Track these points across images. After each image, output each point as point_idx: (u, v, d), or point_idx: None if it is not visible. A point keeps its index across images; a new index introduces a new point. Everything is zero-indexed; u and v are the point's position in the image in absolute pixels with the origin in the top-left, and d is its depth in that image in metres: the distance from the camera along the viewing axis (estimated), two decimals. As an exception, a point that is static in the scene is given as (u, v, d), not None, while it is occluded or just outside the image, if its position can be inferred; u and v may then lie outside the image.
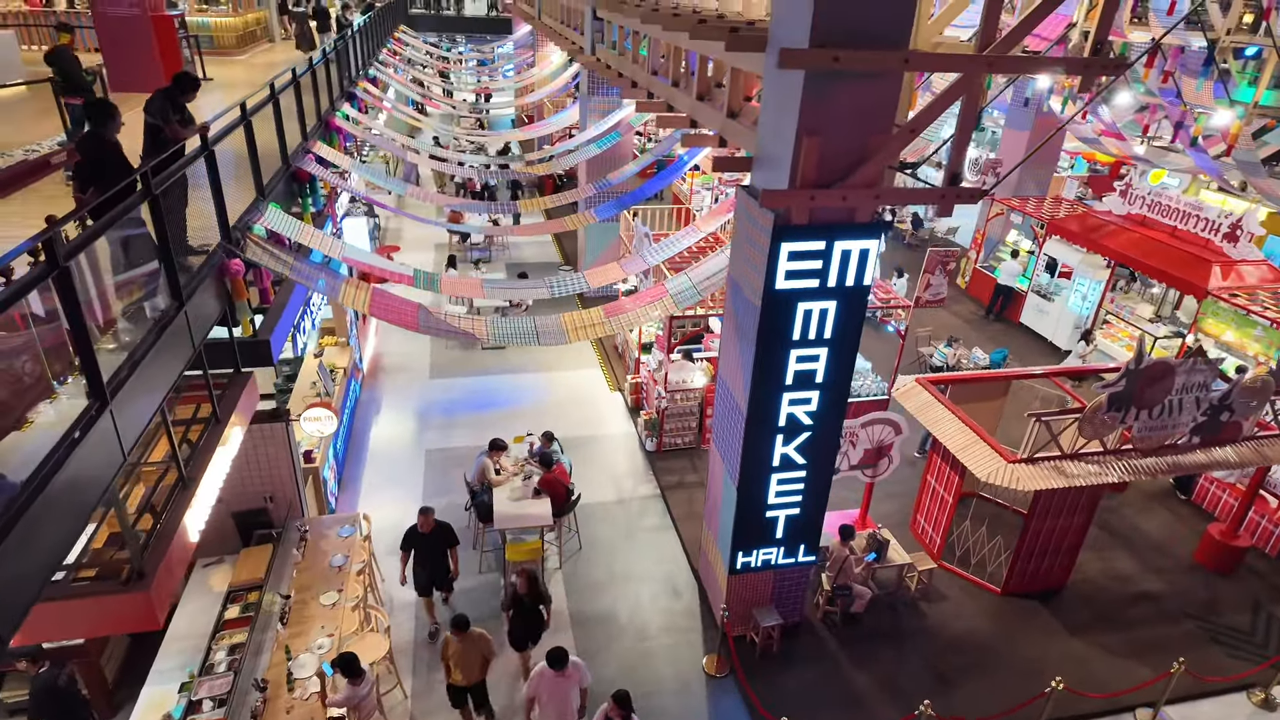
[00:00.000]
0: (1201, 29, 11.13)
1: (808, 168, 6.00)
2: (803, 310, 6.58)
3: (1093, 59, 5.94)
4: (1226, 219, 12.74)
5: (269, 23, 22.02)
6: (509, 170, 14.79)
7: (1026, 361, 14.95)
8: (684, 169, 10.77)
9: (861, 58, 5.55)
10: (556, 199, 13.05)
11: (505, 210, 12.30)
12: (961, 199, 6.31)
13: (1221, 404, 8.20)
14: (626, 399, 12.73)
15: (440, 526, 7.83)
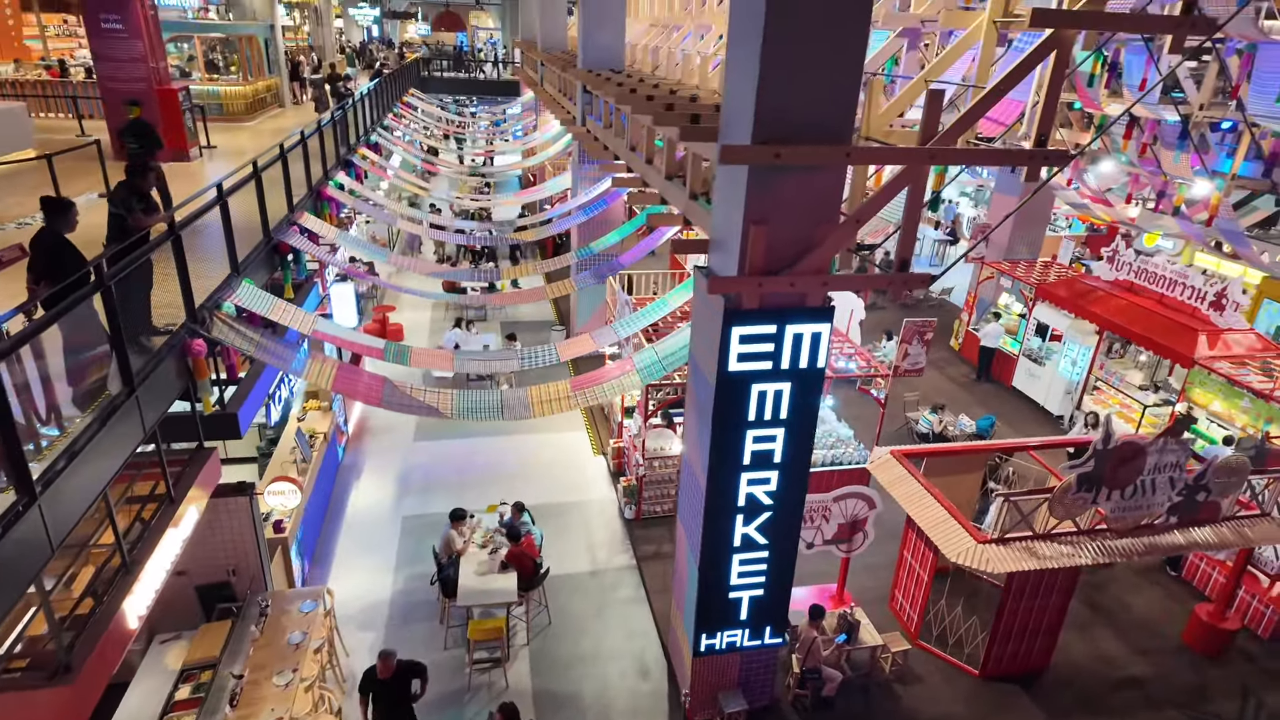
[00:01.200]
0: (1174, 104, 11.29)
1: (756, 255, 6.08)
2: (757, 391, 6.58)
3: (1036, 150, 6.04)
4: (1212, 287, 12.71)
5: (280, 89, 22.86)
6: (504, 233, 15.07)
7: (1017, 427, 14.82)
8: (658, 243, 10.94)
9: (803, 153, 5.68)
10: (554, 261, 13.26)
11: (489, 278, 12.48)
12: (910, 285, 6.35)
13: (1197, 484, 8.06)
14: (609, 463, 12.69)
15: (403, 669, 7.15)
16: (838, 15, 5.43)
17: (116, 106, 13.51)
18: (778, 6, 5.37)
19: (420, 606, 9.46)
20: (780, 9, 5.37)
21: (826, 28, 5.45)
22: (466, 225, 16.36)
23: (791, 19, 5.39)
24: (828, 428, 12.34)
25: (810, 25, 5.42)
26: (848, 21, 5.47)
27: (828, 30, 5.45)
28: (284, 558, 9.08)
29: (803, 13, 5.38)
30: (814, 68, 5.55)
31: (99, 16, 12.73)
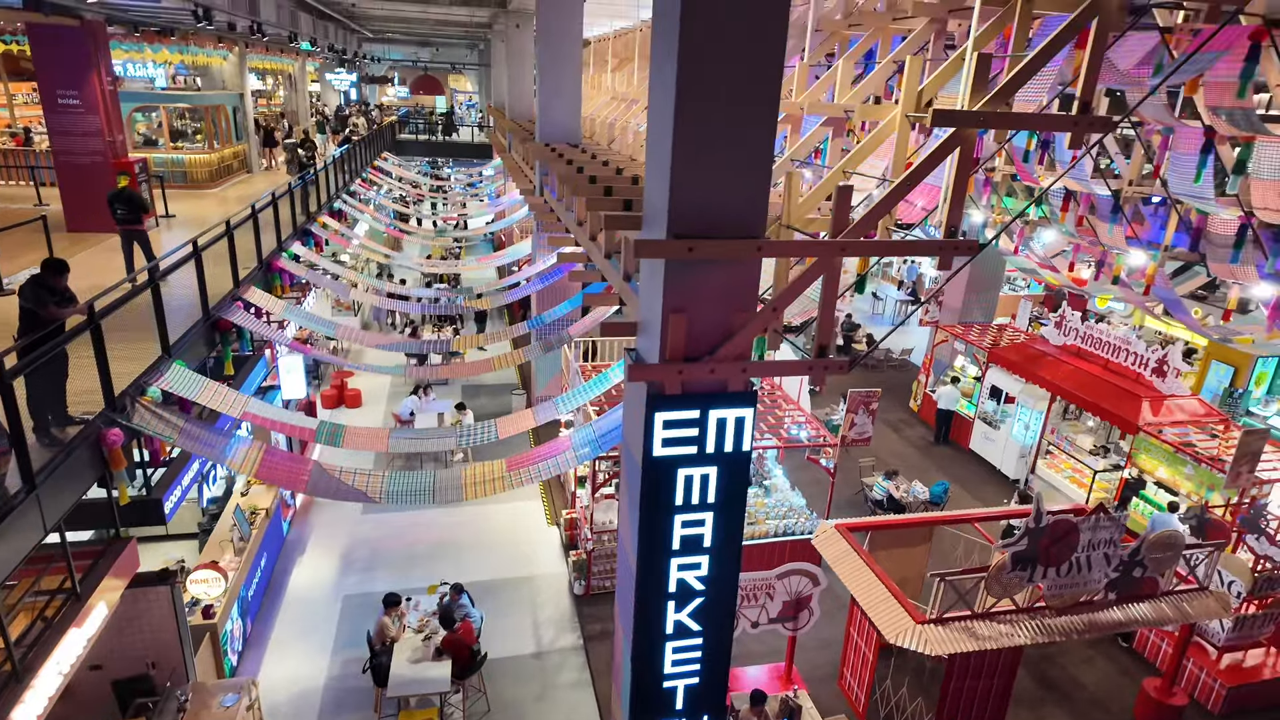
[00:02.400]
0: (1105, 179, 11.71)
1: (675, 343, 6.13)
2: (683, 476, 6.55)
3: (947, 240, 6.21)
4: (1154, 354, 12.99)
5: (248, 155, 23.10)
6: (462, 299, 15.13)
7: (973, 491, 14.86)
8: (605, 315, 11.04)
9: (715, 247, 5.78)
10: (510, 330, 13.29)
11: (438, 349, 12.49)
12: (830, 370, 6.42)
13: (1133, 559, 8.07)
14: (562, 535, 12.50)
15: None
16: (746, 119, 5.62)
17: (70, 178, 13.56)
18: (686, 111, 5.54)
19: (354, 694, 9.14)
20: (688, 113, 5.54)
21: (735, 130, 5.63)
22: (425, 293, 16.41)
23: (700, 123, 5.56)
24: (780, 496, 12.30)
25: (718, 128, 5.60)
26: (756, 125, 5.65)
27: (736, 132, 5.63)
28: (212, 645, 8.77)
29: (711, 117, 5.56)
30: (724, 168, 5.70)
31: (55, 92, 12.86)
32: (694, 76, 5.46)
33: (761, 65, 5.50)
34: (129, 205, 11.06)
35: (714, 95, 5.51)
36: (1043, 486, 14.37)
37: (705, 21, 5.33)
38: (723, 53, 5.43)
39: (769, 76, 5.56)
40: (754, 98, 5.58)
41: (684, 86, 5.52)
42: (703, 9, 5.31)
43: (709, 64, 5.45)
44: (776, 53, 5.55)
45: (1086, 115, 6.02)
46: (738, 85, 5.52)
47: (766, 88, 5.58)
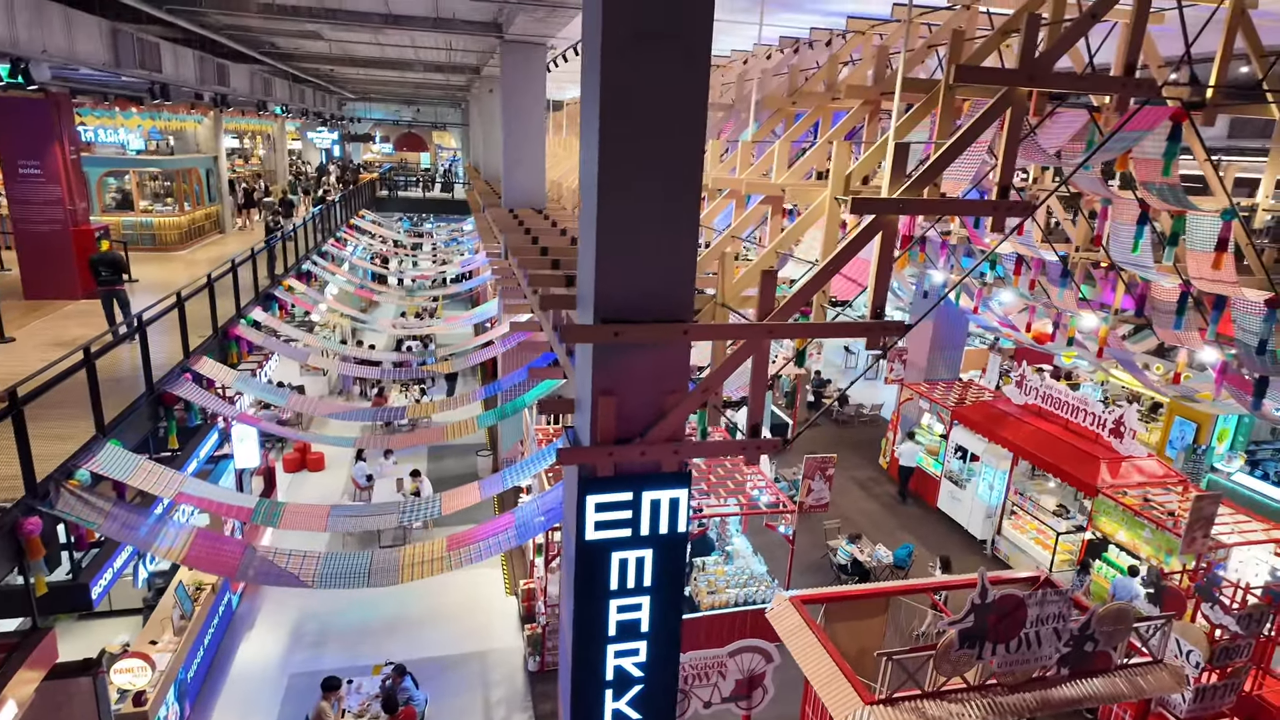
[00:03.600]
0: (1051, 245, 11.97)
1: (606, 425, 6.10)
2: (618, 559, 6.44)
3: (874, 322, 6.27)
4: (1111, 414, 13.09)
5: (221, 216, 23.22)
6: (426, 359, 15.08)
7: (940, 552, 14.72)
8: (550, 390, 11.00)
9: (641, 332, 5.81)
10: (459, 399, 13.21)
11: (392, 416, 12.40)
12: (763, 450, 6.40)
13: (1083, 633, 7.98)
14: (520, 606, 12.23)
15: None
16: (669, 205, 5.71)
17: (29, 246, 13.52)
18: (608, 198, 5.63)
19: (292, 784, 8.78)
20: (611, 200, 5.63)
21: (658, 215, 5.71)
22: (389, 357, 16.36)
23: (623, 209, 5.65)
24: (741, 563, 12.15)
25: (641, 215, 5.68)
26: (679, 211, 5.74)
27: (660, 218, 5.71)
28: (142, 735, 8.42)
29: (633, 203, 5.64)
30: (648, 252, 5.77)
31: (16, 162, 12.92)
32: (615, 163, 5.56)
33: (683, 151, 5.61)
34: (112, 267, 11.67)
35: (635, 182, 5.60)
36: (1008, 548, 14.30)
37: (625, 110, 5.45)
38: (643, 141, 5.53)
39: (690, 163, 5.67)
40: (676, 184, 5.67)
41: (605, 173, 5.61)
42: (621, 100, 5.43)
43: (630, 151, 5.54)
44: (697, 139, 5.66)
45: (1005, 200, 6.15)
46: (659, 172, 5.62)
47: (688, 174, 5.68)
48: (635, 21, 5.32)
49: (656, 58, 5.40)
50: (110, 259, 11.80)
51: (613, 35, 5.35)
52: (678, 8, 5.34)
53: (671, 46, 5.40)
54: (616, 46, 5.36)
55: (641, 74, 5.42)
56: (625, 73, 5.41)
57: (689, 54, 5.46)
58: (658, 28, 5.35)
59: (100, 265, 11.64)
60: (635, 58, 5.38)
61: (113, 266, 11.71)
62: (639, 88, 5.44)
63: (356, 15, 13.67)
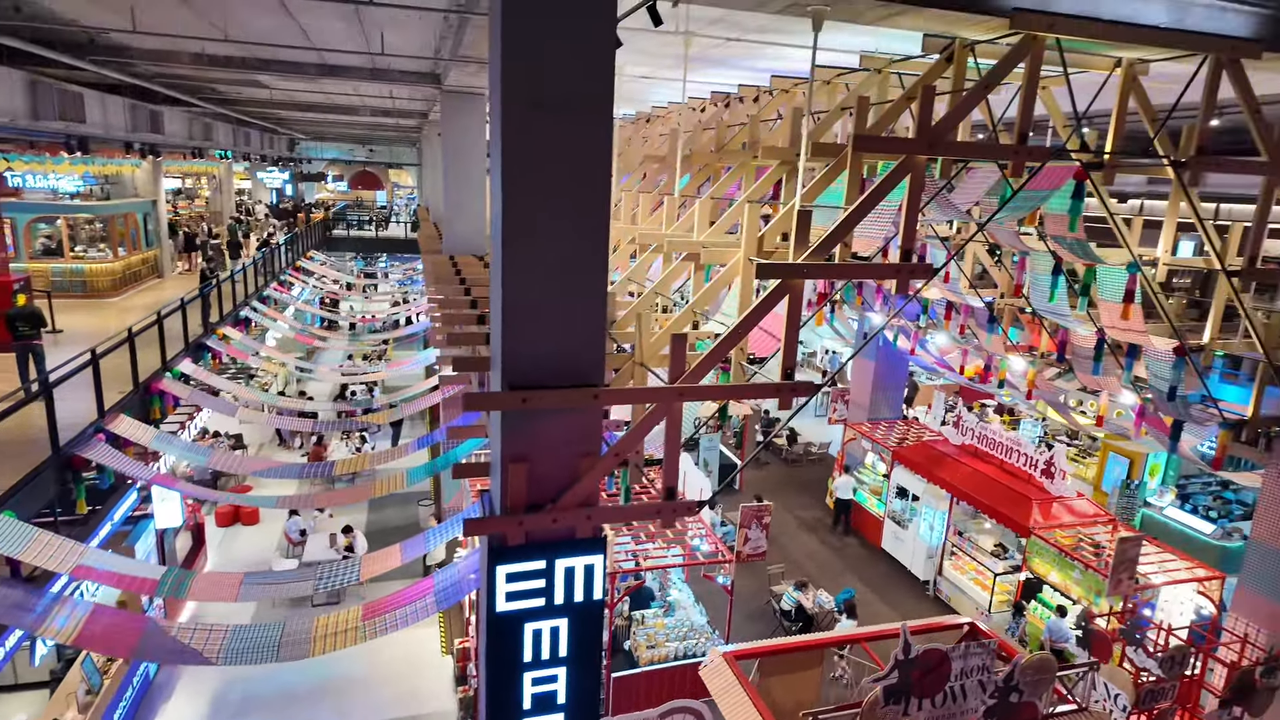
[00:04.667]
0: (977, 292, 12.32)
1: (517, 493, 6.00)
2: (531, 630, 6.29)
3: (784, 383, 6.32)
4: (1042, 455, 13.37)
5: (159, 261, 22.67)
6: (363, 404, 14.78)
7: (883, 594, 14.79)
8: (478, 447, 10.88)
9: (550, 397, 5.76)
10: (393, 451, 12.94)
11: (320, 473, 12.08)
12: (678, 513, 6.36)
13: (1008, 685, 8.01)
14: (455, 666, 11.87)
15: None
16: (577, 269, 5.72)
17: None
18: (513, 261, 5.62)
19: None
20: (516, 263, 5.62)
21: (566, 279, 5.71)
22: (324, 407, 16.00)
23: (529, 273, 5.64)
24: (682, 615, 12.00)
25: (548, 278, 5.67)
26: (587, 276, 5.76)
27: (567, 284, 5.71)
28: (35, 825, 7.89)
29: (539, 267, 5.64)
30: (556, 318, 5.75)
31: (-70, 214, 12.48)
32: (518, 229, 5.56)
33: (588, 217, 5.64)
34: (31, 321, 11.40)
35: (540, 248, 5.60)
36: (950, 589, 14.40)
37: (527, 177, 5.45)
38: (547, 208, 5.54)
39: (596, 228, 5.68)
40: (583, 249, 5.69)
41: (509, 239, 5.61)
42: (522, 166, 5.45)
43: (533, 218, 5.55)
44: (602, 204, 5.69)
45: (908, 263, 6.29)
46: (565, 237, 5.63)
47: (594, 239, 5.70)
48: (534, 93, 5.37)
49: (557, 127, 5.45)
50: (27, 313, 11.48)
51: (512, 105, 5.39)
52: (576, 81, 5.42)
53: (572, 117, 5.46)
54: (516, 116, 5.40)
55: (542, 141, 5.45)
56: (526, 140, 5.43)
57: (590, 123, 5.51)
58: (557, 99, 5.41)
59: (18, 320, 11.29)
60: (535, 126, 5.41)
61: (30, 320, 11.39)
62: (540, 155, 5.47)
63: (292, 66, 13.62)
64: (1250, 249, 7.60)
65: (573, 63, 5.38)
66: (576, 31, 5.34)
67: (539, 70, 5.34)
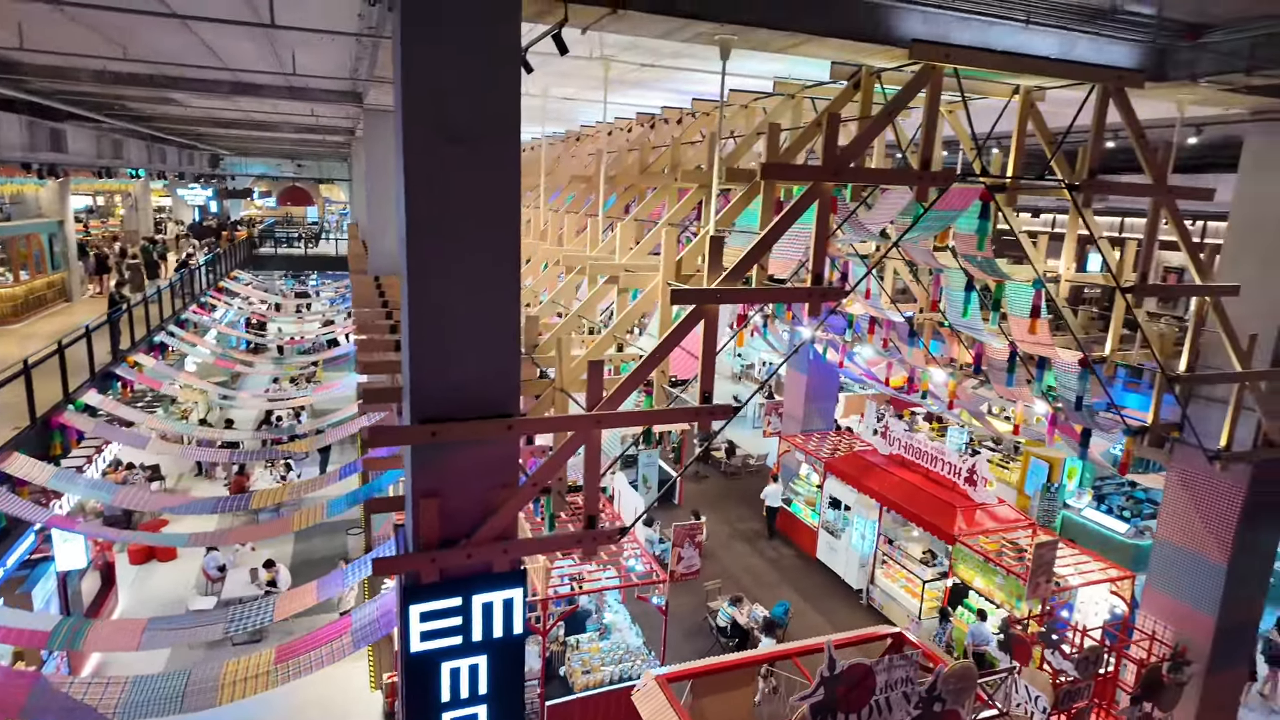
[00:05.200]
0: (898, 307, 12.68)
1: (429, 529, 5.84)
2: (449, 669, 6.12)
3: (701, 408, 6.34)
4: (964, 463, 13.78)
5: (68, 284, 21.52)
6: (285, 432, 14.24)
7: (817, 604, 14.99)
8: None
9: (462, 429, 5.64)
10: (316, 481, 12.50)
11: (236, 506, 11.59)
12: (599, 541, 6.30)
13: (931, 695, 8.17)
14: (384, 703, 11.49)
15: None
16: (487, 297, 5.62)
17: None
18: (419, 290, 5.49)
19: None
20: (421, 292, 5.49)
21: (476, 309, 5.61)
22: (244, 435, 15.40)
23: (436, 303, 5.52)
24: (618, 637, 11.90)
25: (457, 307, 5.56)
26: (498, 304, 5.67)
27: (477, 314, 5.61)
28: None
29: (448, 296, 5.53)
30: (467, 348, 5.65)
31: None
32: (424, 259, 5.45)
33: (496, 246, 5.55)
34: None
35: (447, 278, 5.50)
36: (882, 597, 14.68)
37: (432, 206, 5.35)
38: (453, 238, 5.44)
39: (505, 256, 5.61)
40: (492, 278, 5.60)
41: (415, 270, 5.49)
42: (427, 196, 5.34)
43: (440, 247, 5.44)
44: (510, 233, 5.62)
45: (820, 286, 6.39)
46: (473, 267, 5.54)
47: (504, 267, 5.63)
48: (437, 120, 5.28)
49: (461, 154, 5.37)
50: None
51: (414, 133, 5.29)
52: (480, 108, 5.35)
53: (476, 143, 5.39)
54: (418, 143, 5.30)
55: (446, 169, 5.36)
56: (429, 168, 5.34)
57: (495, 154, 5.46)
58: (461, 126, 5.33)
59: None
60: (439, 154, 5.33)
61: None
62: (444, 182, 5.38)
63: (204, 84, 13.13)
64: (1142, 265, 8.00)
65: (476, 90, 5.32)
66: (479, 59, 5.29)
67: (441, 98, 5.26)
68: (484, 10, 5.22)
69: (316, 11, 7.74)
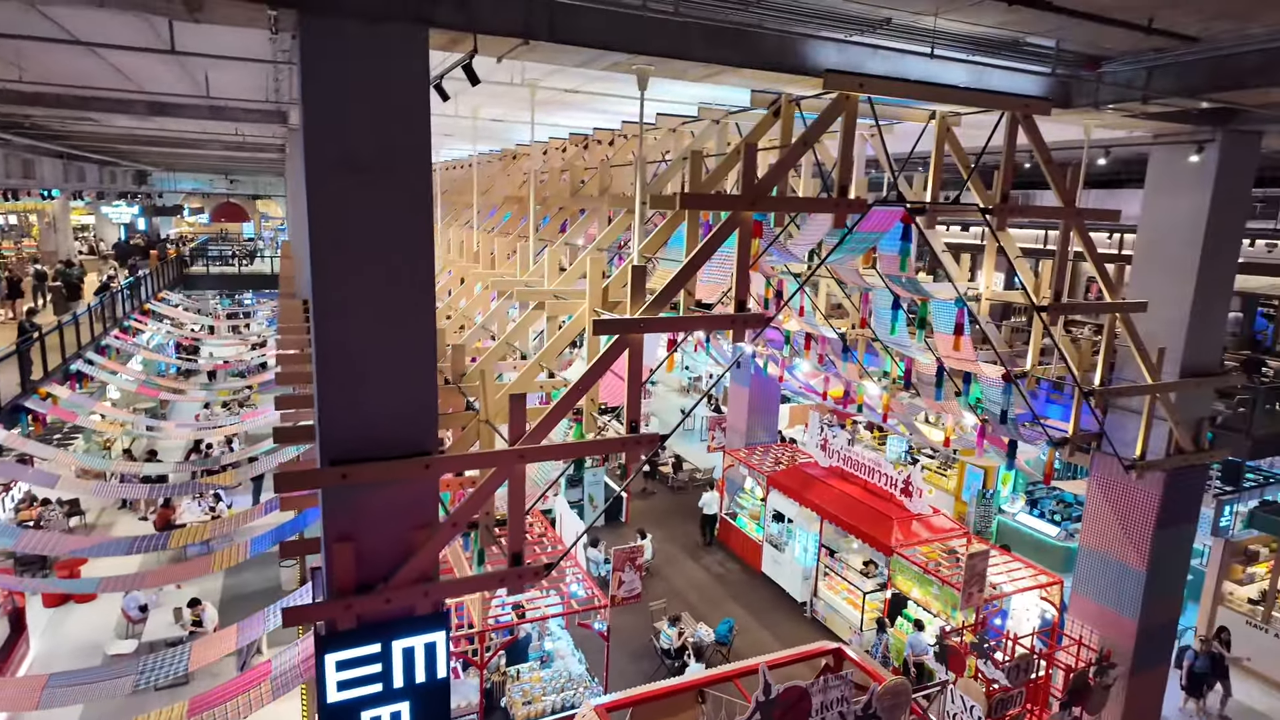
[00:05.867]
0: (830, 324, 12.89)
1: (344, 575, 5.63)
2: (369, 719, 5.91)
3: (630, 437, 6.27)
4: (900, 475, 14.03)
5: (-28, 314, 20.36)
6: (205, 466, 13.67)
7: (763, 618, 15.04)
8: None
9: (375, 470, 5.47)
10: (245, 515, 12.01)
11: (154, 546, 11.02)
12: (524, 579, 6.16)
13: (867, 713, 8.23)
14: (318, 743, 11.04)
15: None
16: (400, 340, 5.47)
17: None
18: (326, 334, 5.31)
19: None
20: (330, 332, 5.31)
21: (389, 347, 5.45)
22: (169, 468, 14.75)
23: (346, 341, 5.35)
24: (560, 665, 11.72)
25: (368, 348, 5.40)
26: (413, 343, 5.51)
27: (389, 346, 5.45)
28: None
29: (358, 337, 5.36)
30: (380, 386, 5.48)
31: None
32: (332, 295, 5.27)
33: (408, 279, 5.41)
34: None
35: (357, 313, 5.32)
36: (825, 609, 14.81)
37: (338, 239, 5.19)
38: (361, 271, 5.28)
39: (418, 289, 5.47)
40: (405, 312, 5.46)
41: (322, 307, 5.31)
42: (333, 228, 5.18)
43: (347, 281, 5.27)
44: (422, 266, 5.49)
45: (743, 313, 6.40)
46: (384, 301, 5.38)
47: (418, 301, 5.49)
48: (341, 153, 5.13)
49: (367, 188, 5.22)
50: None
51: (317, 165, 5.13)
52: (386, 143, 5.22)
53: (384, 175, 5.26)
54: (321, 176, 5.14)
55: (352, 203, 5.21)
56: (334, 202, 5.18)
57: (404, 184, 5.33)
58: (366, 158, 5.19)
59: None
60: (343, 187, 5.17)
61: None
62: (351, 217, 5.23)
63: (118, 104, 12.58)
64: (1055, 284, 8.26)
65: (383, 120, 5.19)
66: (384, 90, 5.16)
67: (345, 128, 5.11)
68: (388, 42, 5.10)
69: (224, 38, 7.49)
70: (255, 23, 5.28)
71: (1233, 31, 6.11)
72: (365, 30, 5.01)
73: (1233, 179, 9.28)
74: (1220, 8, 5.48)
